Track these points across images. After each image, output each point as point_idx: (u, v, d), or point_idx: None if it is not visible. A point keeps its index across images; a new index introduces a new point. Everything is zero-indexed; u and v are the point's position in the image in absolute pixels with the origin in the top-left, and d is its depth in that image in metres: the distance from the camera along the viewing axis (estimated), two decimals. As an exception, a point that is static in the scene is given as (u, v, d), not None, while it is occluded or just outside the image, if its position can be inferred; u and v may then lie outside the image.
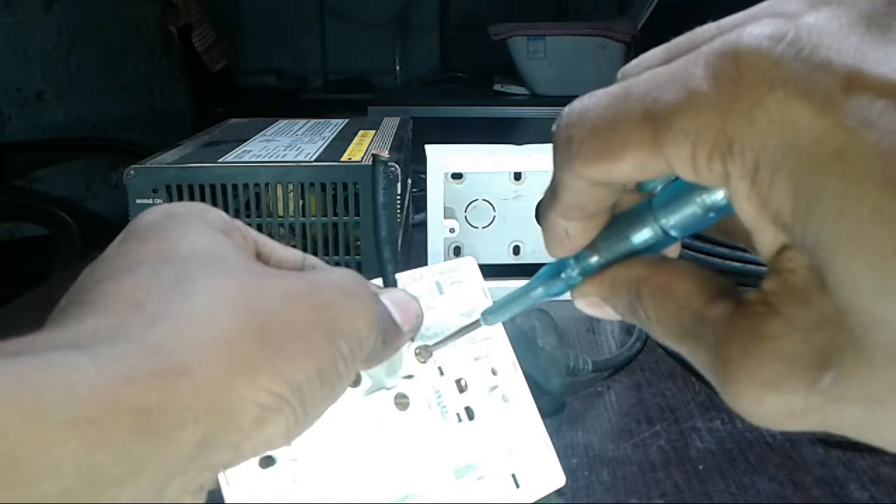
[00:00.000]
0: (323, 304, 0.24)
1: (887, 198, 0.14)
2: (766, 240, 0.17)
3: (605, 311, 0.22)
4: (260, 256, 0.28)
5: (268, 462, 0.30)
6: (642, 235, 0.21)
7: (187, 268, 0.23)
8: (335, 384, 0.24)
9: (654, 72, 0.18)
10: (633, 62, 0.20)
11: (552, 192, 0.21)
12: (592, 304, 0.22)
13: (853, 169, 0.14)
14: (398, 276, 0.34)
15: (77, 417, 0.18)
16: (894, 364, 0.15)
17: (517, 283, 0.24)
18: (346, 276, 0.26)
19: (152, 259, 0.23)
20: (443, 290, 0.36)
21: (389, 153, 0.60)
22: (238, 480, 0.28)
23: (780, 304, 0.17)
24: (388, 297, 0.28)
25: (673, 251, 0.22)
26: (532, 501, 0.35)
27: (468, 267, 0.37)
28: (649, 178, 0.19)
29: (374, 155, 0.36)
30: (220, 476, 0.28)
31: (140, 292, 0.22)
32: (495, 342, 0.36)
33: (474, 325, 0.29)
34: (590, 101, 0.19)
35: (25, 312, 0.61)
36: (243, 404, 0.21)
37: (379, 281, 0.34)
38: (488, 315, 0.28)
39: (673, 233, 0.20)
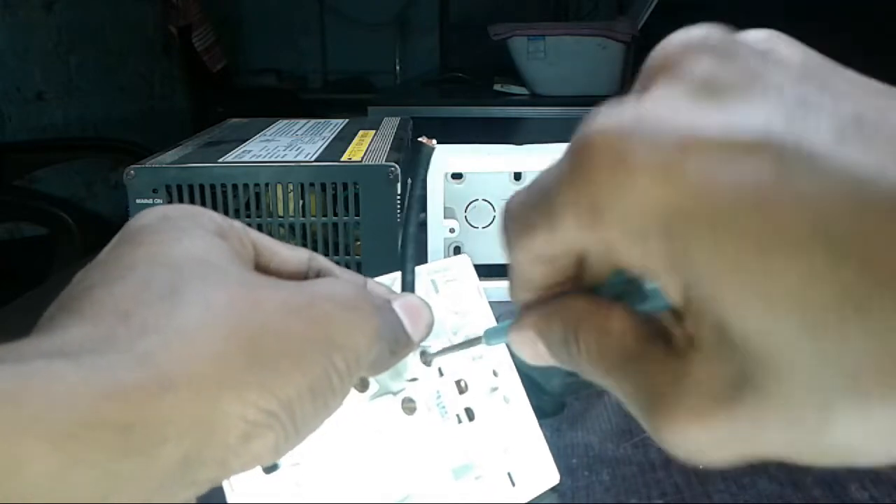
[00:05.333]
0: (320, 317, 0.23)
1: (742, 233, 0.15)
2: (667, 287, 0.18)
3: (536, 351, 0.23)
4: (260, 260, 0.27)
5: (271, 467, 0.29)
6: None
7: (179, 275, 0.22)
8: (329, 399, 0.23)
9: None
10: None
11: (509, 272, 0.23)
12: (526, 342, 0.23)
13: (707, 217, 0.16)
14: (392, 276, 0.34)
15: (56, 432, 0.17)
16: (799, 378, 0.16)
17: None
18: (346, 287, 0.25)
19: (144, 265, 0.22)
20: (438, 288, 0.36)
21: (390, 152, 0.60)
22: (241, 484, 0.28)
23: (698, 340, 0.18)
24: (400, 305, 0.27)
25: None
26: (528, 500, 0.35)
27: (463, 265, 0.37)
28: (562, 251, 0.21)
29: (419, 141, 0.35)
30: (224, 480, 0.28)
31: (129, 301, 0.21)
32: None
33: (476, 341, 0.29)
34: (519, 192, 0.21)
35: (25, 312, 0.61)
36: (230, 420, 0.20)
37: (387, 278, 0.33)
38: (491, 336, 0.28)
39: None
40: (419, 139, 0.34)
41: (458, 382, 0.35)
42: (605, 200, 0.18)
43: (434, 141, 0.34)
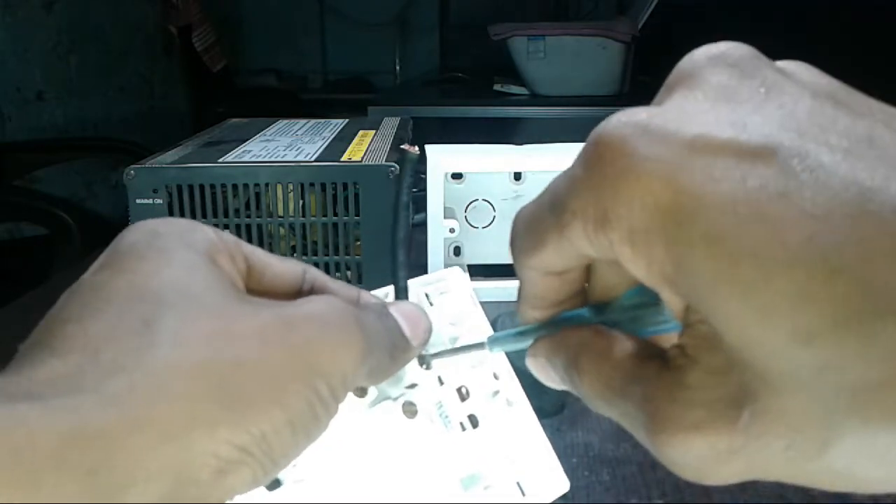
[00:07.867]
0: (300, 344, 0.22)
1: (741, 240, 0.15)
2: (669, 298, 0.18)
3: (549, 376, 0.24)
4: (252, 274, 0.26)
5: (274, 484, 0.29)
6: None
7: (155, 308, 0.21)
8: (311, 430, 0.23)
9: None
10: None
11: (518, 289, 0.23)
12: (540, 366, 0.24)
13: (708, 220, 0.16)
14: (385, 290, 0.33)
15: (19, 478, 0.17)
16: (798, 395, 0.16)
17: (517, 283, 0.24)
18: (330, 305, 0.24)
19: (120, 297, 0.22)
20: (432, 301, 0.36)
21: (390, 152, 0.60)
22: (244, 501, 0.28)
23: (695, 354, 0.18)
24: (398, 311, 0.27)
25: None
26: None
27: (455, 277, 0.37)
28: (572, 262, 0.21)
29: (401, 149, 0.35)
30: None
31: (101, 339, 0.21)
32: None
33: (479, 346, 0.29)
34: (527, 204, 0.21)
35: (25, 312, 0.61)
36: (201, 458, 0.20)
37: (380, 292, 0.33)
38: (493, 343, 0.28)
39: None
40: (401, 146, 0.34)
41: (458, 390, 0.35)
42: (613, 203, 0.18)
43: (416, 148, 0.34)
